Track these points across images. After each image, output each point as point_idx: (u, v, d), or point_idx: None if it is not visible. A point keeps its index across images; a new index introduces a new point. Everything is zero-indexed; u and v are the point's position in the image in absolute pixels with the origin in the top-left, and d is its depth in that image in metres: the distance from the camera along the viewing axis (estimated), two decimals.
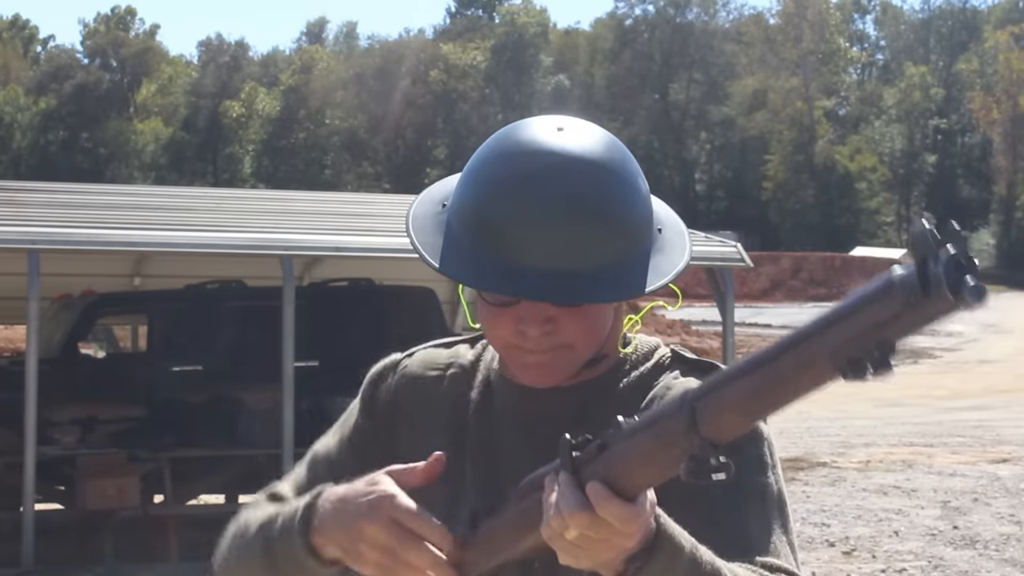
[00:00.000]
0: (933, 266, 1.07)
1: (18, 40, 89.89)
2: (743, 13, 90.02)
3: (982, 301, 1.07)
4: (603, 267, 1.52)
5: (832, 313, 1.13)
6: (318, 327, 10.76)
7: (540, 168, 1.52)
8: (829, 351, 1.12)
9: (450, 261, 1.55)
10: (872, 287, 1.11)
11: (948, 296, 1.06)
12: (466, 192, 1.57)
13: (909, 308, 1.08)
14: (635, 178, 1.58)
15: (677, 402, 1.22)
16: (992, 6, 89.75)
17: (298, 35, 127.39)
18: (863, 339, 1.10)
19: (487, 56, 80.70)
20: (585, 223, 1.51)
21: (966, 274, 1.07)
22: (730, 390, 1.19)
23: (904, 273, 1.10)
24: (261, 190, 50.60)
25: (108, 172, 76.60)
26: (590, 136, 1.57)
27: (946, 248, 1.08)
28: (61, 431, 10.30)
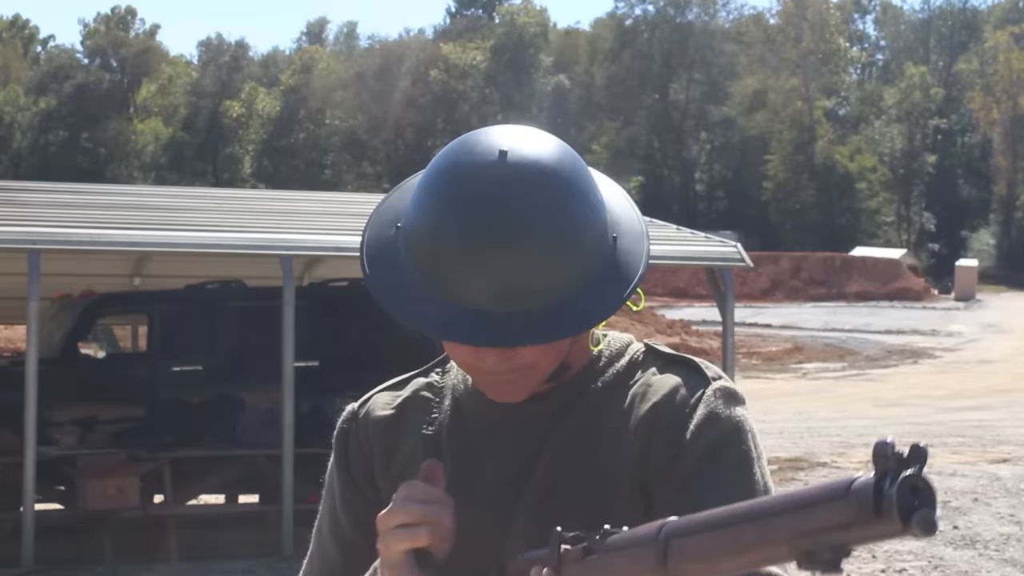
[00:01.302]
0: (888, 487, 1.07)
1: (18, 40, 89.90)
2: (743, 13, 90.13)
3: (930, 533, 1.07)
4: (555, 299, 1.48)
5: (795, 499, 1.15)
6: (318, 327, 10.76)
7: (482, 197, 1.47)
8: (787, 536, 1.14)
9: (397, 301, 1.53)
10: (832, 487, 1.13)
11: (897, 521, 1.06)
12: (416, 222, 1.53)
13: (861, 521, 1.09)
14: (586, 194, 1.51)
15: (655, 532, 1.25)
16: (992, 6, 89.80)
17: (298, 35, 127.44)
18: (818, 535, 1.12)
19: (487, 56, 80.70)
20: (533, 253, 1.46)
21: (920, 501, 1.07)
22: (699, 541, 1.21)
23: (861, 484, 1.10)
24: (261, 190, 50.62)
25: (108, 172, 76.60)
26: (538, 155, 1.51)
27: (906, 471, 1.08)
28: (61, 431, 10.30)
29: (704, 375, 1.57)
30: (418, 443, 1.65)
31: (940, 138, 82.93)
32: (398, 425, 1.68)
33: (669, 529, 1.23)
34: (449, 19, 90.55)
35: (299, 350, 9.74)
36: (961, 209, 79.55)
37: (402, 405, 1.70)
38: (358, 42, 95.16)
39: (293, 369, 9.58)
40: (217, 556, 9.65)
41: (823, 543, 1.12)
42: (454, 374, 1.69)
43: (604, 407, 1.58)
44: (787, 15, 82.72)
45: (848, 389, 25.34)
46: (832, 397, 23.17)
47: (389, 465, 1.67)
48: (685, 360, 1.60)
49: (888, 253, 62.95)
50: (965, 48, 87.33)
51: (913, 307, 50.37)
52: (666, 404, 1.55)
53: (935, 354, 33.29)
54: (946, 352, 33.82)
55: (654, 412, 1.54)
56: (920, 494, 1.07)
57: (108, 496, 9.61)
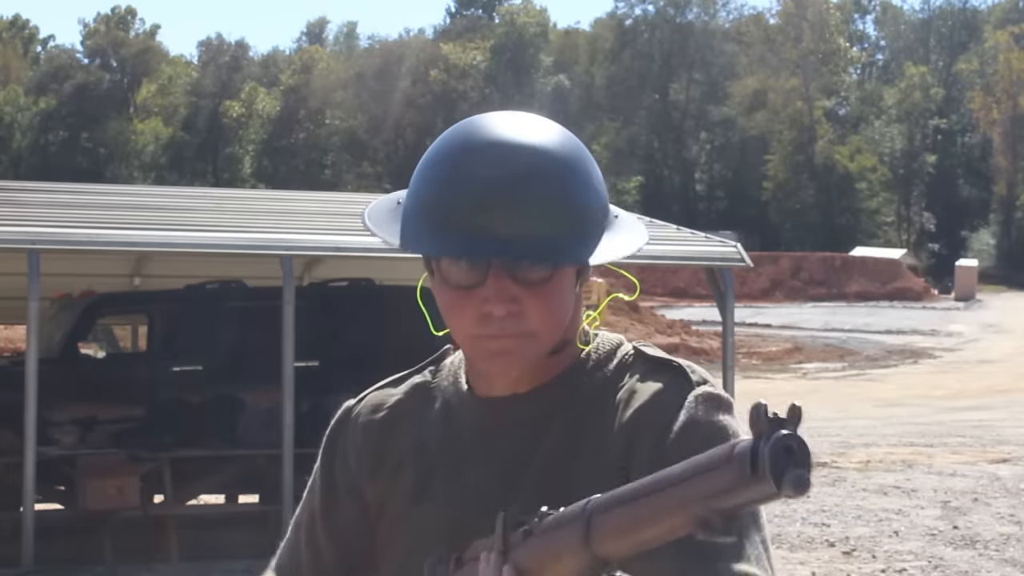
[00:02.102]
0: (762, 447, 1.08)
1: (18, 40, 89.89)
2: (743, 13, 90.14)
3: (802, 493, 1.08)
4: (565, 235, 1.53)
5: (690, 467, 1.16)
6: (318, 327, 10.76)
7: (496, 143, 1.54)
8: (680, 505, 1.15)
9: (410, 239, 1.56)
10: (718, 452, 1.14)
11: (770, 480, 1.07)
12: (420, 179, 1.58)
13: (742, 484, 1.10)
14: (591, 164, 1.59)
15: (579, 510, 1.26)
16: (992, 6, 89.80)
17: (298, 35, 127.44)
18: (707, 502, 1.13)
19: (487, 56, 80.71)
20: (543, 192, 1.52)
21: (793, 461, 1.08)
22: (613, 516, 1.22)
23: (742, 448, 1.11)
24: (261, 190, 50.61)
25: (108, 172, 76.60)
26: (544, 121, 1.60)
27: (779, 431, 1.09)
28: (61, 431, 10.29)
29: (689, 380, 1.56)
30: (409, 449, 1.66)
31: (940, 138, 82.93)
32: (390, 429, 1.69)
33: (592, 506, 1.25)
34: (449, 19, 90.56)
35: (299, 350, 9.75)
36: (961, 209, 79.55)
37: (395, 407, 1.71)
38: (358, 42, 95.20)
39: (293, 369, 9.58)
40: (217, 556, 9.65)
41: (714, 509, 1.13)
42: (445, 374, 1.70)
43: (591, 413, 1.58)
44: (787, 15, 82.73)
45: (848, 389, 25.35)
46: (832, 397, 23.16)
47: (377, 471, 1.68)
48: (671, 365, 1.59)
49: (888, 253, 62.96)
50: (965, 48, 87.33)
51: (913, 307, 50.37)
52: (648, 409, 1.55)
53: (935, 354, 33.29)
54: (946, 352, 33.82)
55: (636, 417, 1.54)
56: (794, 454, 1.08)
57: (108, 496, 9.61)
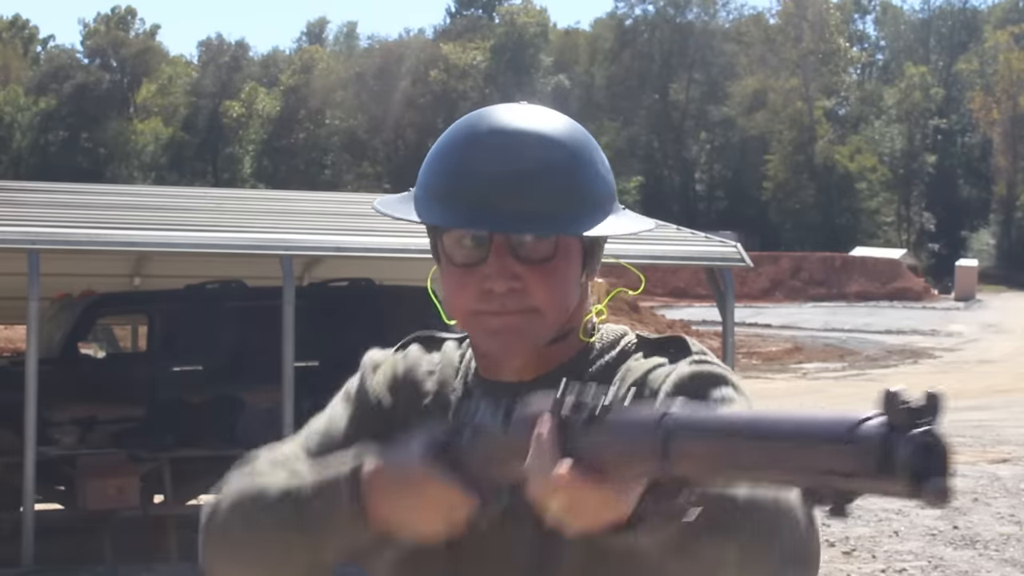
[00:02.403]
0: (898, 445, 0.97)
1: (18, 40, 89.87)
2: (743, 13, 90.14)
3: (943, 504, 0.97)
4: (567, 211, 1.55)
5: (799, 427, 1.05)
6: (318, 327, 10.75)
7: (506, 131, 1.58)
8: (787, 468, 1.05)
9: (420, 212, 1.60)
10: (837, 426, 1.02)
11: (906, 486, 0.97)
12: (431, 164, 1.62)
13: (866, 475, 0.99)
14: (597, 152, 1.62)
15: (655, 421, 1.18)
16: (992, 6, 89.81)
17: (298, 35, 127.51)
18: (822, 477, 1.03)
19: (487, 56, 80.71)
20: (552, 178, 1.55)
21: (932, 465, 0.97)
22: (698, 445, 1.14)
23: (867, 434, 0.99)
24: (261, 190, 50.60)
25: (108, 172, 76.59)
26: (552, 112, 1.64)
27: (919, 428, 0.98)
28: (61, 431, 10.29)
29: (688, 349, 1.60)
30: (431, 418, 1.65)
31: (940, 138, 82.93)
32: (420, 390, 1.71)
33: (669, 424, 1.17)
34: (449, 19, 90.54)
35: (299, 350, 9.74)
36: (961, 209, 79.55)
37: (430, 371, 1.72)
38: (358, 42, 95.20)
39: (293, 369, 9.58)
40: None
41: (826, 485, 1.02)
42: (468, 359, 1.72)
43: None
44: (787, 15, 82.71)
45: (848, 389, 25.33)
46: (832, 397, 23.14)
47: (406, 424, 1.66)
48: (672, 339, 1.63)
49: (888, 253, 62.94)
50: (965, 48, 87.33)
51: (913, 307, 50.35)
52: (645, 376, 1.58)
53: (935, 354, 33.26)
54: (946, 352, 33.79)
55: (634, 386, 1.53)
56: (933, 454, 0.97)
57: (108, 496, 9.61)
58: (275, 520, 1.58)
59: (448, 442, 1.46)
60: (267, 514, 1.60)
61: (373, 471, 1.51)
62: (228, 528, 1.64)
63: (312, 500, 1.55)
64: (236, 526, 1.63)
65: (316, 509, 1.54)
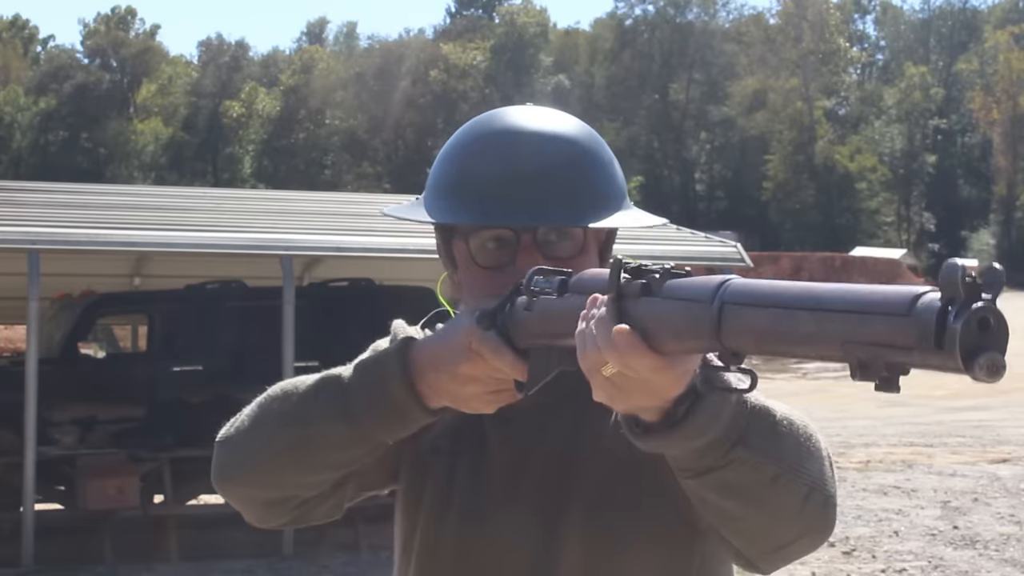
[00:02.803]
0: (952, 320, 0.95)
1: (18, 40, 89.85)
2: (743, 13, 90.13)
3: (996, 378, 0.95)
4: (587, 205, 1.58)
5: (855, 299, 1.04)
6: (318, 327, 10.75)
7: (524, 131, 1.60)
8: (841, 338, 1.04)
9: (436, 213, 1.60)
10: (894, 299, 1.01)
11: (958, 360, 0.95)
12: (443, 166, 1.63)
13: (920, 349, 0.98)
14: (608, 151, 1.66)
15: (713, 290, 1.16)
16: (992, 6, 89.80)
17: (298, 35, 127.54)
18: (875, 348, 1.01)
19: (487, 56, 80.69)
20: (569, 175, 1.57)
21: (988, 340, 0.95)
22: (754, 316, 1.12)
23: (924, 307, 0.98)
24: (261, 190, 50.60)
25: (108, 172, 76.58)
26: (565, 115, 1.67)
27: (976, 301, 0.95)
28: (61, 431, 10.29)
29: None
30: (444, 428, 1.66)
31: (940, 138, 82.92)
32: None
33: (726, 293, 1.15)
34: (449, 19, 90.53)
35: (299, 350, 9.74)
36: (961, 209, 79.53)
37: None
38: (358, 42, 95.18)
39: (293, 369, 9.57)
40: (217, 556, 9.65)
41: (879, 358, 1.01)
42: None
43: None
44: (787, 15, 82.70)
45: (848, 389, 25.32)
46: (832, 397, 23.15)
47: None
48: None
49: (888, 253, 62.95)
50: (965, 48, 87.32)
51: None
52: None
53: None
54: None
55: None
56: (990, 331, 0.95)
57: (108, 496, 9.60)
58: (314, 408, 1.55)
59: (498, 311, 1.45)
60: (305, 403, 1.56)
61: (421, 343, 1.51)
62: (256, 428, 1.60)
63: (355, 381, 1.53)
64: (265, 424, 1.59)
65: (360, 389, 1.52)
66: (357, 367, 1.55)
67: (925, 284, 1.01)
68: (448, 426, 1.66)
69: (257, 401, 1.64)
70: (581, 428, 1.61)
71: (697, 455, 1.36)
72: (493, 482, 1.64)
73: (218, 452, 1.65)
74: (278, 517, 1.66)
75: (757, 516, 1.45)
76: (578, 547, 1.59)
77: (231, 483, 1.65)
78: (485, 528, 1.62)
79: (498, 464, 1.64)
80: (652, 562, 1.60)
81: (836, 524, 1.54)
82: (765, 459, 1.40)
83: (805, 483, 1.45)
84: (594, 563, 1.60)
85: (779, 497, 1.43)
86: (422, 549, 1.68)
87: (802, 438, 1.46)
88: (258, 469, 1.60)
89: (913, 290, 1.00)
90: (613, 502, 1.59)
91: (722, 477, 1.39)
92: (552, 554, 1.59)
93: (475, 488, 1.64)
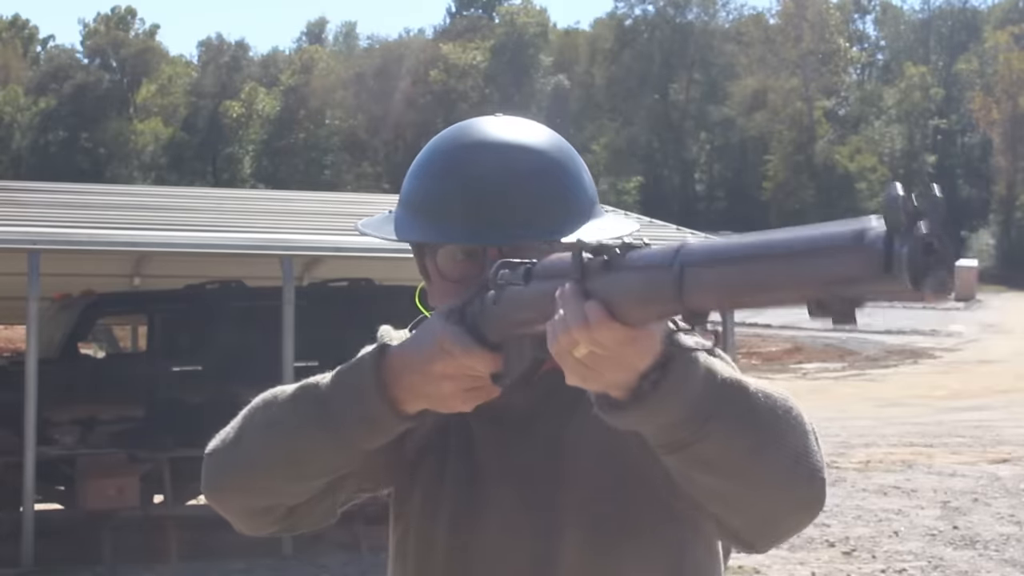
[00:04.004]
0: (899, 245, 0.99)
1: (18, 40, 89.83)
2: (743, 13, 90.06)
3: (943, 297, 0.99)
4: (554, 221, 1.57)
5: (805, 241, 1.08)
6: (318, 327, 10.75)
7: (492, 143, 1.59)
8: (795, 281, 1.08)
9: (406, 231, 1.61)
10: (841, 235, 1.05)
11: (907, 283, 0.99)
12: (417, 176, 1.63)
13: (871, 278, 1.01)
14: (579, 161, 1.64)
15: (670, 255, 1.19)
16: (992, 6, 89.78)
17: (298, 35, 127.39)
18: (828, 286, 1.05)
19: (487, 56, 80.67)
20: (537, 187, 1.57)
21: (934, 260, 0.99)
22: (712, 274, 1.15)
23: (872, 238, 1.02)
24: (261, 190, 50.60)
25: (108, 172, 76.54)
26: (534, 124, 1.65)
27: (918, 226, 1.00)
28: (61, 431, 10.29)
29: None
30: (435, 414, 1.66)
31: (940, 138, 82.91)
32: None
33: (684, 256, 1.18)
34: (449, 19, 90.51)
35: (299, 350, 9.75)
36: (961, 209, 79.53)
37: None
38: (358, 42, 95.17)
39: (293, 369, 9.58)
40: (216, 556, 9.65)
41: (834, 293, 1.05)
42: None
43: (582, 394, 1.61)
44: (787, 15, 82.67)
45: (848, 389, 25.34)
46: (832, 397, 23.15)
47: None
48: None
49: None
50: (965, 48, 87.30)
51: (913, 307, 50.27)
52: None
53: (935, 354, 33.26)
54: (946, 352, 33.79)
55: None
56: (935, 253, 0.99)
57: (108, 496, 9.61)
58: (294, 417, 1.57)
59: (465, 306, 1.47)
60: (284, 412, 1.58)
61: (395, 348, 1.53)
62: (241, 439, 1.62)
63: (332, 389, 1.54)
64: (249, 435, 1.61)
65: (337, 397, 1.53)
66: (334, 376, 1.56)
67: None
68: (437, 427, 1.66)
69: (242, 412, 1.67)
70: (570, 427, 1.62)
71: (670, 430, 1.37)
72: (485, 482, 1.64)
73: (206, 463, 1.67)
74: (268, 525, 1.67)
75: (742, 490, 1.45)
76: (575, 545, 1.60)
77: (219, 492, 1.66)
78: (479, 528, 1.62)
79: (489, 465, 1.65)
80: (647, 559, 1.61)
81: (835, 525, 1.55)
82: (741, 431, 1.40)
83: (788, 455, 1.45)
84: (591, 560, 1.60)
85: (762, 469, 1.43)
86: (417, 550, 1.68)
87: (780, 411, 1.46)
88: (244, 478, 1.62)
89: (859, 223, 1.04)
90: (606, 500, 1.60)
91: (700, 451, 1.39)
92: (549, 553, 1.60)
93: (467, 489, 1.65)
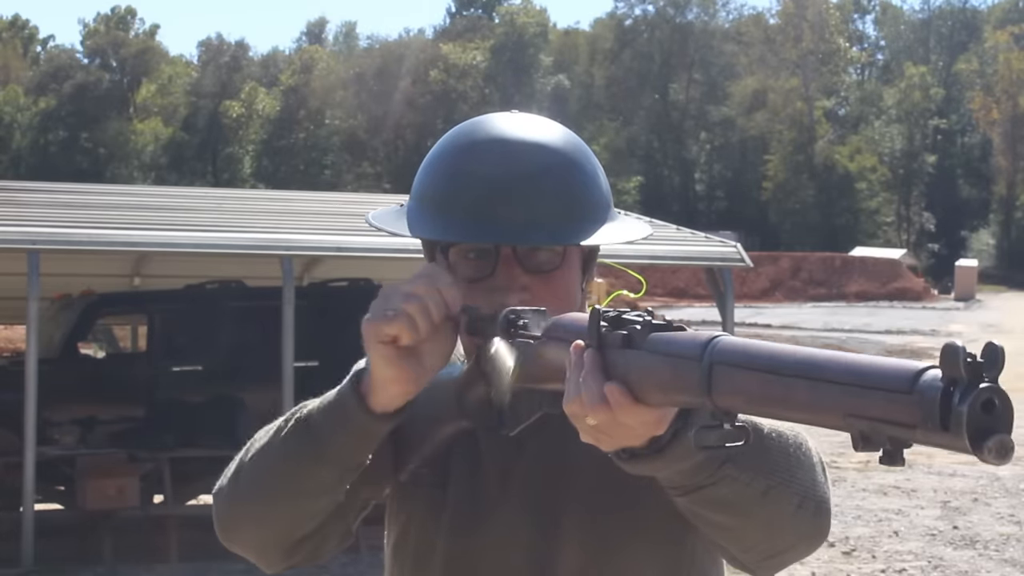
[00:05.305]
0: (958, 401, 0.95)
1: (18, 40, 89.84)
2: (743, 13, 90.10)
3: (1004, 460, 0.94)
4: (568, 222, 1.55)
5: (854, 370, 1.02)
6: (318, 327, 10.75)
7: (506, 139, 1.57)
8: (841, 411, 1.02)
9: (419, 228, 1.59)
10: (896, 374, 0.99)
11: (965, 443, 0.94)
12: (429, 173, 1.61)
13: (924, 428, 0.97)
14: (594, 161, 1.62)
15: (700, 348, 1.15)
16: (992, 6, 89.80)
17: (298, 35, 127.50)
18: (877, 424, 1.00)
19: (487, 56, 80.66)
20: (550, 185, 1.55)
21: (994, 422, 0.94)
22: (745, 378, 1.10)
23: (927, 386, 0.96)
24: (261, 190, 50.59)
25: (108, 172, 76.54)
26: (549, 121, 1.63)
27: (979, 382, 0.95)
28: (61, 431, 10.29)
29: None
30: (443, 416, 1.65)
31: (940, 138, 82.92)
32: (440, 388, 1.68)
33: (715, 352, 1.13)
34: (449, 19, 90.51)
35: (299, 350, 9.74)
36: (961, 209, 79.53)
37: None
38: (358, 42, 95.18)
39: (293, 369, 9.58)
40: (216, 556, 9.63)
41: (881, 432, 1.00)
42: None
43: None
44: (787, 15, 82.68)
45: None
46: None
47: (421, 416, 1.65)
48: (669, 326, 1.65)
49: (888, 253, 62.92)
50: (965, 48, 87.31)
51: (913, 307, 50.33)
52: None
53: (935, 354, 33.06)
54: None
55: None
56: (995, 412, 0.94)
57: (108, 496, 9.61)
58: (287, 447, 1.57)
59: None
60: (278, 445, 1.58)
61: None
62: (239, 472, 1.63)
63: (319, 415, 1.54)
64: (245, 467, 1.63)
65: (324, 421, 1.53)
66: (321, 401, 1.56)
67: (925, 284, 1.01)
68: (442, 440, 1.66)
69: (243, 448, 1.68)
70: (572, 430, 1.62)
71: (686, 475, 1.37)
72: (487, 485, 1.64)
73: (213, 504, 1.68)
74: (286, 558, 1.67)
75: (749, 527, 1.47)
76: (576, 547, 1.60)
77: (231, 532, 1.67)
78: (480, 531, 1.62)
79: (491, 467, 1.64)
80: (649, 560, 1.61)
81: (835, 525, 1.55)
82: (755, 474, 1.41)
83: (797, 493, 1.46)
84: (593, 562, 1.60)
85: (771, 509, 1.44)
86: (416, 551, 1.68)
87: (791, 448, 1.47)
88: (247, 509, 1.63)
89: (913, 366, 0.99)
90: (608, 502, 1.60)
91: (713, 494, 1.40)
92: (550, 555, 1.60)
93: (468, 491, 1.64)
